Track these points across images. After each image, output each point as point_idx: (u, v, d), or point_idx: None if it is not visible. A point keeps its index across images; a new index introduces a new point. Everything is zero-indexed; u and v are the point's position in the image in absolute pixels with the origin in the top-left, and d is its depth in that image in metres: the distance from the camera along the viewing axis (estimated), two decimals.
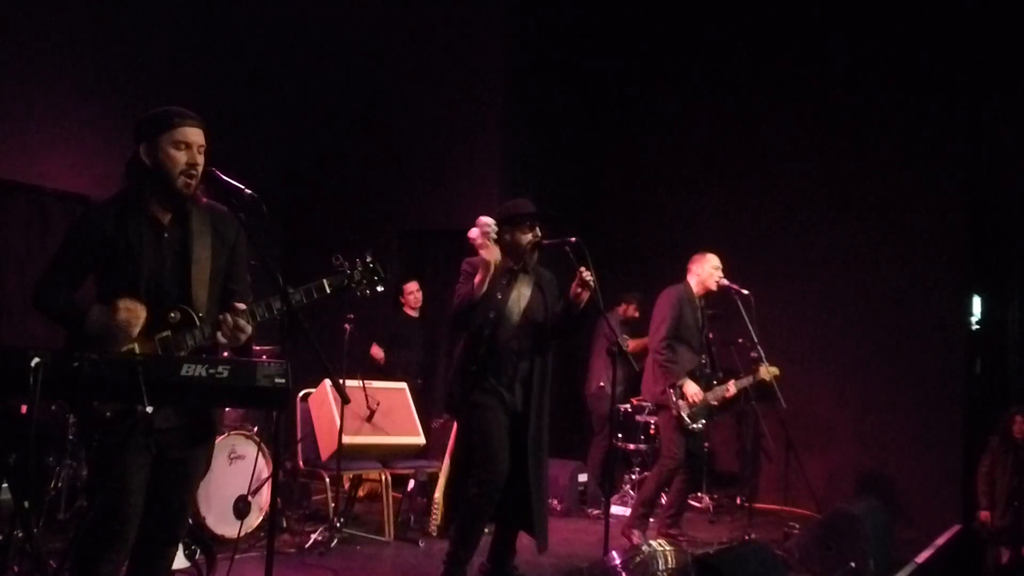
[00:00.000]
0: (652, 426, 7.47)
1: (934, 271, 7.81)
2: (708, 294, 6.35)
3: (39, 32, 7.09)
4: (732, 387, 6.23)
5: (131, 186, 3.10)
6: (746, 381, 6.31)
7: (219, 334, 3.04)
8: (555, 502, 7.09)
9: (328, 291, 3.25)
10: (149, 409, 2.59)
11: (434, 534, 6.09)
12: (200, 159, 3.05)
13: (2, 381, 2.55)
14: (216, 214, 3.19)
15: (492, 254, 4.65)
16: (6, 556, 4.33)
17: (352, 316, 6.43)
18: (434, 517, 6.15)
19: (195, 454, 3.15)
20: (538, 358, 4.81)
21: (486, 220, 4.70)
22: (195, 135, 3.05)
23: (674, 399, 6.00)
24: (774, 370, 6.29)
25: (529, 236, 4.77)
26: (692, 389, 6.02)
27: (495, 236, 4.70)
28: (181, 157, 3.01)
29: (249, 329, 3.08)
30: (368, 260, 3.34)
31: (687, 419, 6.00)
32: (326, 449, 6.01)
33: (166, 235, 3.09)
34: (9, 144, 6.84)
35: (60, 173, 7.08)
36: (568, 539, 6.28)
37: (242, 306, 3.08)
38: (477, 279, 4.63)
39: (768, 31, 8.62)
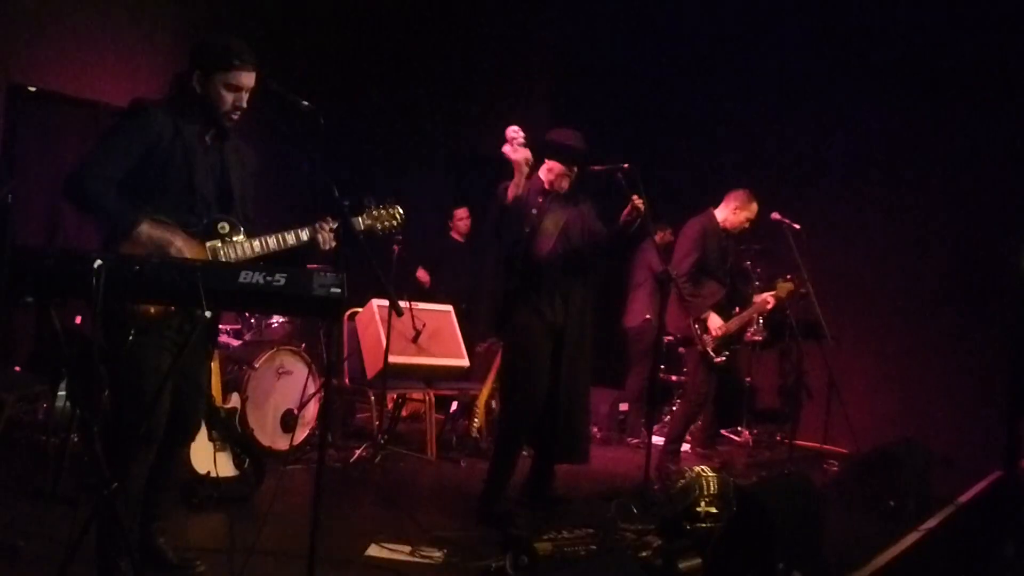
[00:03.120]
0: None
1: (988, 213, 7.63)
2: (753, 226, 6.32)
3: None
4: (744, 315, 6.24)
5: (184, 100, 3.26)
6: (758, 305, 6.30)
7: (319, 238, 3.35)
8: (595, 430, 7.15)
9: (361, 227, 3.55)
10: (208, 314, 2.66)
11: (475, 435, 6.27)
12: (245, 102, 3.26)
13: (66, 284, 2.60)
14: (240, 145, 3.45)
15: (521, 153, 4.48)
16: (63, 460, 4.51)
17: (401, 238, 6.45)
18: (476, 421, 6.32)
19: (209, 351, 3.53)
20: (577, 278, 4.83)
21: (512, 129, 4.51)
22: (248, 79, 3.22)
23: (699, 333, 5.99)
24: (788, 285, 6.33)
25: (566, 177, 4.77)
26: (716, 323, 5.99)
27: (523, 142, 4.53)
28: (229, 98, 3.22)
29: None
30: (391, 203, 3.67)
31: (711, 353, 5.99)
32: (372, 368, 6.09)
33: (208, 152, 3.32)
34: (66, 59, 6.85)
35: (116, 88, 7.10)
36: (608, 465, 6.34)
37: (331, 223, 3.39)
38: (511, 184, 4.54)
39: None
